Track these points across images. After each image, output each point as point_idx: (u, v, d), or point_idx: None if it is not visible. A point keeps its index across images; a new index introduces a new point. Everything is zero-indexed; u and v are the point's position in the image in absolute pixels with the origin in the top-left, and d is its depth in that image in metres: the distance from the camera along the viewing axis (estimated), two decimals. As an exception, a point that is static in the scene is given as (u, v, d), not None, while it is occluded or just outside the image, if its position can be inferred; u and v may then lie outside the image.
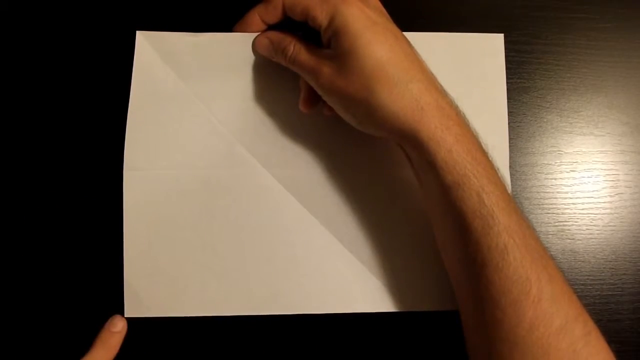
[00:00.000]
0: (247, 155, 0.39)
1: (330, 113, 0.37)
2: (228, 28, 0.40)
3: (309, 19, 0.35)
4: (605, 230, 0.42)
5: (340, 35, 0.33)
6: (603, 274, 0.42)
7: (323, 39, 0.35)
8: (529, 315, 0.30)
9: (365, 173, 0.40)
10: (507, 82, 0.44)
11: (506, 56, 0.44)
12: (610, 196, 0.43)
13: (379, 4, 0.36)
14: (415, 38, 0.37)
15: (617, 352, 0.41)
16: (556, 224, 0.42)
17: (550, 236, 0.42)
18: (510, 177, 0.43)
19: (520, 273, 0.30)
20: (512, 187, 0.43)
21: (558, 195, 0.43)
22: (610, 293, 0.41)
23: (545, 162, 0.43)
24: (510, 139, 0.43)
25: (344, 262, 0.39)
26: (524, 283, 0.30)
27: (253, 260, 0.39)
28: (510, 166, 0.43)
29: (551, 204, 0.43)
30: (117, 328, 0.38)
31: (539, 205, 0.42)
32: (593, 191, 0.43)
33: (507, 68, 0.44)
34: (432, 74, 0.34)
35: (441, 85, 0.34)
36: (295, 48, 0.36)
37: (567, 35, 0.45)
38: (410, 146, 0.33)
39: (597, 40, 0.45)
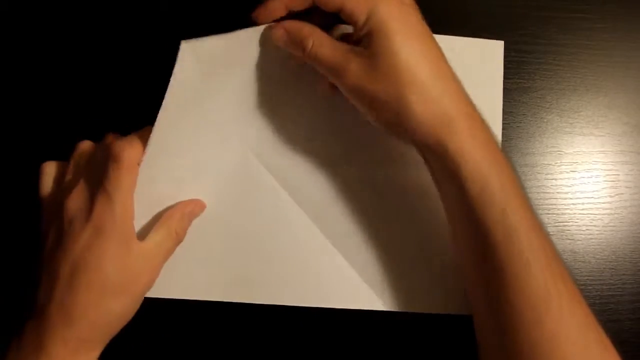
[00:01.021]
0: (264, 170, 0.40)
1: (330, 93, 0.36)
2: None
3: (343, 12, 0.32)
4: (605, 231, 0.42)
5: (377, 34, 0.31)
6: (603, 274, 0.42)
7: (355, 35, 0.33)
8: (550, 327, 0.30)
9: (368, 170, 0.40)
10: (507, 82, 0.44)
11: (506, 56, 0.44)
12: (610, 196, 0.43)
13: (414, 2, 0.34)
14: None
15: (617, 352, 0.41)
16: (556, 224, 0.42)
17: (550, 236, 0.42)
18: (510, 177, 0.43)
19: (541, 286, 0.30)
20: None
21: (558, 195, 0.43)
22: (610, 293, 0.41)
23: (545, 163, 0.43)
24: (510, 139, 0.43)
25: (346, 258, 0.39)
26: (545, 298, 0.30)
27: (261, 253, 0.39)
28: (510, 166, 0.43)
29: (551, 205, 0.43)
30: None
31: (539, 205, 0.42)
32: (593, 191, 0.43)
33: (507, 68, 0.44)
34: (460, 83, 0.34)
35: (467, 98, 0.33)
36: (316, 41, 0.33)
37: (567, 35, 0.45)
38: (435, 155, 0.32)
39: (597, 40, 0.45)
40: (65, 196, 0.34)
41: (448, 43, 0.41)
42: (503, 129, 0.43)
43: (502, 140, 0.43)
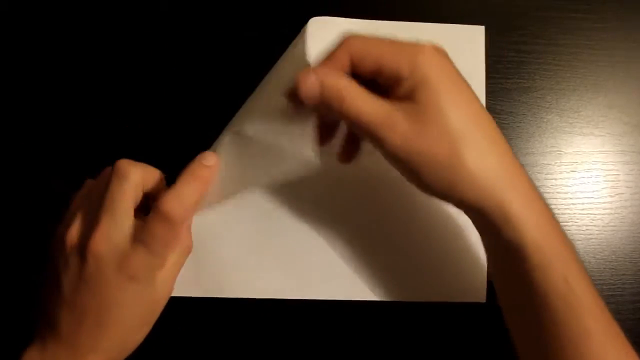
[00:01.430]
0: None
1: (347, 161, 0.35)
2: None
3: (383, 67, 0.29)
4: (605, 230, 0.42)
5: (422, 87, 0.29)
6: (603, 274, 0.42)
7: (396, 93, 0.30)
8: None
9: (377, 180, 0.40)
10: (507, 82, 0.44)
11: (506, 56, 0.44)
12: (610, 196, 0.43)
13: (447, 53, 0.31)
14: (397, 27, 0.37)
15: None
16: (556, 224, 0.42)
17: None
18: (510, 177, 0.43)
19: (602, 356, 0.29)
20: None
21: (558, 195, 0.43)
22: (610, 293, 0.41)
23: (545, 162, 0.43)
24: (510, 139, 0.43)
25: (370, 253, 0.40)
26: None
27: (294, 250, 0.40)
28: (510, 166, 0.43)
29: (551, 204, 0.42)
30: (209, 162, 0.34)
31: (539, 205, 0.42)
32: (593, 191, 0.43)
33: (507, 68, 0.44)
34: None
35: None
36: (354, 98, 0.29)
37: (567, 35, 0.45)
38: (489, 220, 0.29)
39: (597, 40, 0.45)
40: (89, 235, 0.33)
41: (428, 30, 0.42)
42: (503, 129, 0.43)
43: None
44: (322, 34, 0.37)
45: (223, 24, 0.44)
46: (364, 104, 0.29)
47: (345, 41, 0.30)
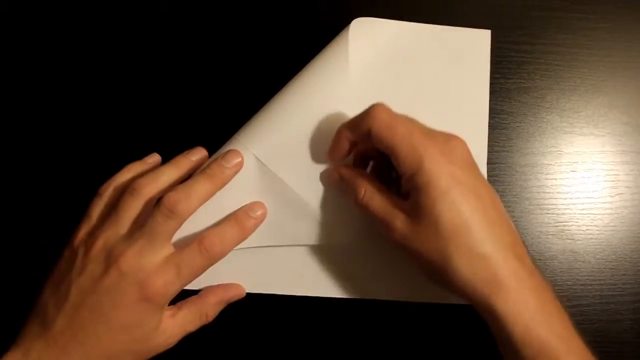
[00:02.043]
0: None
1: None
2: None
3: (393, 160, 0.33)
4: (605, 231, 0.42)
5: (421, 191, 0.31)
6: (603, 274, 0.42)
7: (402, 187, 0.33)
8: None
9: None
10: (507, 82, 0.44)
11: (506, 56, 0.44)
12: (611, 196, 0.43)
13: (466, 151, 0.33)
14: (402, 28, 0.39)
15: (617, 352, 0.41)
16: (556, 224, 0.42)
17: (550, 236, 0.42)
18: (510, 177, 0.43)
19: None
20: (512, 187, 0.43)
21: (558, 195, 0.43)
22: (610, 293, 0.41)
23: (545, 162, 0.43)
24: (510, 139, 0.43)
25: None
26: None
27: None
28: (510, 166, 0.43)
29: (551, 204, 0.42)
30: (255, 213, 0.37)
31: (539, 205, 0.42)
32: (593, 191, 0.43)
33: (507, 68, 0.44)
34: (515, 234, 0.33)
35: (523, 246, 0.33)
36: (367, 193, 0.34)
37: (567, 35, 0.45)
38: (484, 313, 0.32)
39: (597, 40, 0.45)
40: (122, 246, 0.33)
41: (435, 32, 0.43)
42: (503, 129, 0.43)
43: (502, 140, 0.43)
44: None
45: (223, 24, 0.44)
46: (372, 200, 0.34)
47: (372, 113, 0.33)
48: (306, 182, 0.38)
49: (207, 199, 0.35)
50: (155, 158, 0.39)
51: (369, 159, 0.38)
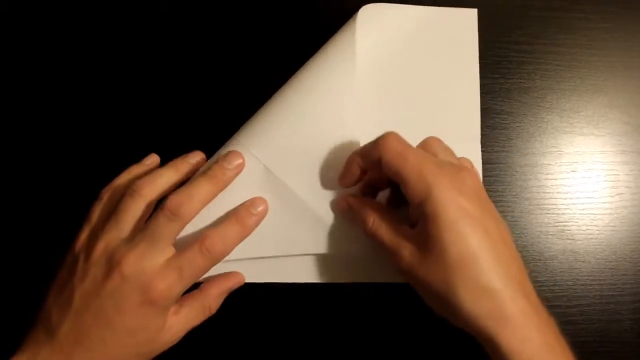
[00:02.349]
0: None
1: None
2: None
3: (402, 188, 0.33)
4: (605, 230, 0.42)
5: (429, 221, 0.31)
6: (603, 274, 0.42)
7: (410, 216, 0.33)
8: None
9: None
10: (507, 82, 0.44)
11: (506, 56, 0.44)
12: (610, 196, 0.43)
13: (476, 182, 0.33)
14: (390, 10, 0.40)
15: (617, 352, 0.41)
16: (556, 224, 0.42)
17: (550, 236, 0.42)
18: (510, 177, 0.43)
19: None
20: (512, 187, 0.43)
21: (558, 195, 0.43)
22: (610, 293, 0.41)
23: (545, 162, 0.43)
24: (510, 139, 0.43)
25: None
26: None
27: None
28: (510, 166, 0.43)
29: (551, 204, 0.42)
30: (256, 209, 0.37)
31: (539, 205, 0.42)
32: (593, 191, 0.43)
33: (507, 68, 0.44)
34: (522, 270, 0.32)
35: (529, 281, 0.32)
36: (375, 222, 0.35)
37: (567, 35, 0.45)
38: (487, 346, 0.31)
39: (597, 40, 0.45)
40: (125, 247, 0.33)
41: (422, 13, 0.43)
42: (503, 129, 0.43)
43: (502, 140, 0.43)
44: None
45: (223, 22, 0.44)
46: (380, 230, 0.34)
47: (383, 141, 0.33)
48: (310, 185, 0.38)
49: (209, 200, 0.35)
50: (153, 159, 0.39)
51: (377, 190, 0.38)
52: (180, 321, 0.35)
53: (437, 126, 0.42)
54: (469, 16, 0.44)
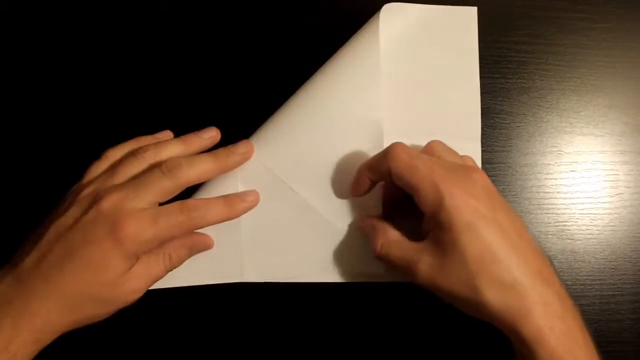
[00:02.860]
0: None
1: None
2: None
3: (414, 198, 0.33)
4: (605, 230, 0.42)
5: (444, 228, 0.32)
6: (603, 274, 0.42)
7: (424, 224, 0.34)
8: None
9: None
10: (507, 82, 0.44)
11: (506, 56, 0.44)
12: (610, 196, 0.43)
13: (486, 182, 0.34)
14: (391, 8, 0.40)
15: (617, 352, 0.41)
16: (556, 224, 0.42)
17: (550, 236, 0.42)
18: (510, 177, 0.43)
19: None
20: (512, 187, 0.43)
21: (558, 195, 0.43)
22: (610, 293, 0.41)
23: (545, 162, 0.43)
24: (510, 139, 0.43)
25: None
26: None
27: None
28: (510, 166, 0.43)
29: (551, 204, 0.43)
30: (248, 199, 0.38)
31: (539, 205, 0.42)
32: (593, 191, 0.43)
33: (507, 68, 0.44)
34: (541, 258, 0.33)
35: (551, 269, 0.33)
36: (384, 244, 0.35)
37: (567, 35, 0.45)
38: (511, 336, 0.32)
39: (597, 40, 0.45)
40: (108, 190, 0.34)
41: (422, 12, 0.43)
42: (503, 129, 0.43)
43: (502, 140, 0.43)
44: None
45: (224, 23, 0.44)
46: (391, 249, 0.35)
47: (391, 153, 0.34)
48: (322, 192, 0.39)
49: (207, 176, 0.36)
50: (166, 133, 0.40)
51: (396, 201, 0.38)
52: (140, 269, 0.34)
53: (437, 125, 0.42)
54: (469, 14, 0.43)
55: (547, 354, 0.30)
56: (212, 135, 0.39)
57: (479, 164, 0.41)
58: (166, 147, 0.37)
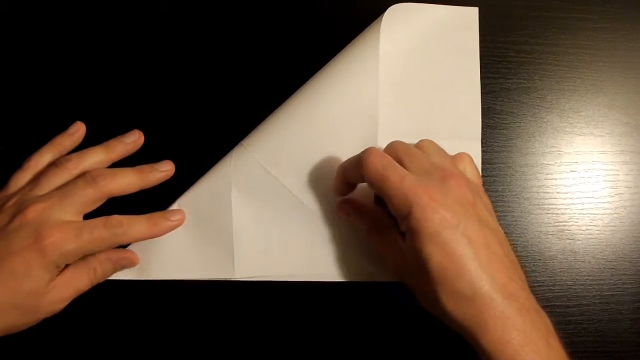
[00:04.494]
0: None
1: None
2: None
3: (386, 203, 0.34)
4: (605, 230, 0.42)
5: (412, 234, 0.32)
6: (603, 274, 0.42)
7: (399, 224, 0.34)
8: None
9: None
10: (507, 82, 0.44)
11: (506, 56, 0.44)
12: (610, 196, 0.43)
13: (462, 190, 0.33)
14: (396, 9, 0.40)
15: (617, 352, 0.41)
16: (556, 224, 0.42)
17: (550, 236, 0.42)
18: (510, 177, 0.43)
19: None
20: (512, 187, 0.43)
21: (558, 195, 0.43)
22: (610, 293, 0.41)
23: (545, 162, 0.43)
24: (510, 139, 0.43)
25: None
26: None
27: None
28: (510, 166, 0.43)
29: (551, 204, 0.43)
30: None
31: (539, 205, 0.42)
32: (593, 191, 0.43)
33: (507, 68, 0.44)
34: (508, 271, 0.32)
35: (518, 284, 0.32)
36: (368, 230, 0.37)
37: (567, 35, 0.45)
38: (473, 345, 0.33)
39: (597, 40, 0.45)
40: (33, 196, 0.35)
41: (423, 11, 0.43)
42: (503, 129, 0.43)
43: (502, 140, 0.43)
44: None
45: (225, 23, 0.44)
46: (373, 237, 0.37)
47: (364, 161, 0.34)
48: (315, 193, 0.39)
49: (129, 189, 0.37)
50: (77, 127, 0.41)
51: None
52: (65, 279, 0.35)
53: (437, 124, 0.42)
54: (470, 14, 0.44)
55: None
56: (134, 139, 0.40)
57: (479, 163, 0.42)
58: (88, 155, 0.38)
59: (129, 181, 0.37)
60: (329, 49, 0.41)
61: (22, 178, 0.38)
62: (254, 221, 0.39)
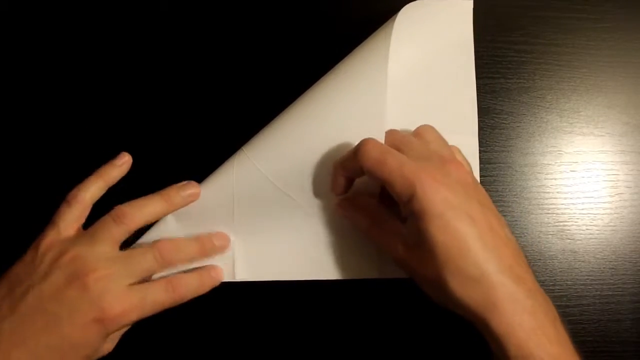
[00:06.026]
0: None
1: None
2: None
3: (389, 190, 0.33)
4: (605, 230, 0.42)
5: (416, 217, 0.32)
6: (603, 274, 0.42)
7: (401, 212, 0.34)
8: None
9: None
10: (507, 82, 0.44)
11: (506, 56, 0.44)
12: (610, 196, 0.43)
13: (462, 173, 0.33)
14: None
15: (617, 352, 0.41)
16: (556, 224, 0.42)
17: (550, 236, 0.42)
18: (510, 177, 0.43)
19: None
20: (512, 187, 0.43)
21: (558, 195, 0.43)
22: (610, 293, 0.41)
23: (545, 162, 0.43)
24: (510, 139, 0.43)
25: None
26: None
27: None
28: (510, 166, 0.43)
29: (551, 204, 0.43)
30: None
31: (539, 205, 0.42)
32: (593, 191, 0.43)
33: (507, 68, 0.44)
34: (514, 255, 0.32)
35: (524, 267, 0.32)
36: (367, 225, 0.37)
37: (567, 35, 0.45)
38: (482, 331, 0.32)
39: (597, 40, 0.45)
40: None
41: (418, 5, 0.42)
42: (503, 129, 0.43)
43: (502, 140, 0.43)
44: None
45: (225, 24, 0.44)
46: (371, 230, 0.37)
47: (361, 151, 0.34)
48: (317, 194, 0.39)
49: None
50: (125, 159, 0.39)
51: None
52: (116, 335, 0.35)
53: (433, 120, 0.41)
54: (464, 7, 0.43)
55: (516, 348, 0.30)
56: (191, 192, 0.38)
57: (476, 159, 0.41)
58: (146, 208, 0.37)
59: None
60: (330, 50, 0.41)
61: (69, 215, 0.36)
62: (254, 222, 0.39)
